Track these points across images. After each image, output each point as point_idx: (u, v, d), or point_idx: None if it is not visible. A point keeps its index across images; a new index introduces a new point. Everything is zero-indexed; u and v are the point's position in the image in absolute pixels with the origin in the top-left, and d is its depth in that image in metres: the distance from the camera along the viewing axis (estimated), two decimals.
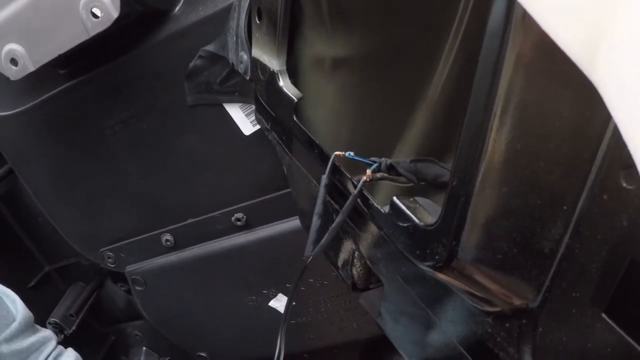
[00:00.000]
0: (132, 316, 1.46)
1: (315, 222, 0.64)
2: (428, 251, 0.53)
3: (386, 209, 0.58)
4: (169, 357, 1.44)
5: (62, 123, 1.10)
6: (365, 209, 0.61)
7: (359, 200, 0.61)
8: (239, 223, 1.07)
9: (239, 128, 1.02)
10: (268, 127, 0.93)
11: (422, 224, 0.53)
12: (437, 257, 0.52)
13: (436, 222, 0.51)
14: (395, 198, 0.55)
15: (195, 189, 1.09)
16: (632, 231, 0.40)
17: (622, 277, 0.42)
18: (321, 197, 0.64)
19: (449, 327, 0.60)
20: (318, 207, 0.64)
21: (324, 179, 0.64)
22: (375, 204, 0.60)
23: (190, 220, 1.12)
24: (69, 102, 1.06)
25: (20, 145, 1.16)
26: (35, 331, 1.00)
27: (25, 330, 0.97)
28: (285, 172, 0.90)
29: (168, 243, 1.14)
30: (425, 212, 0.54)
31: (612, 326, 0.43)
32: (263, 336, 0.83)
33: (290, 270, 1.07)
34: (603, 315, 0.44)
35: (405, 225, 0.54)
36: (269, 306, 1.16)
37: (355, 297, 0.91)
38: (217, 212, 1.09)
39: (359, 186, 0.60)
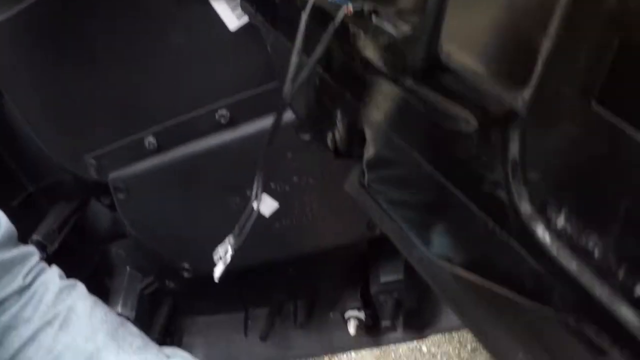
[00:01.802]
0: (116, 237, 1.44)
1: (294, 59, 0.61)
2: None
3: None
4: (152, 277, 1.42)
5: (43, 31, 1.07)
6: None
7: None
8: (222, 120, 1.04)
9: (223, 23, 0.99)
10: (253, 11, 0.91)
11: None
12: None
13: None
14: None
15: (178, 87, 1.07)
16: (621, 11, 0.38)
17: (612, 62, 0.40)
18: (301, 31, 0.61)
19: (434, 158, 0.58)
20: (298, 43, 0.61)
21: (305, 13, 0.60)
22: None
23: (173, 121, 1.09)
24: (51, 8, 1.02)
25: (2, 57, 1.12)
26: (18, 245, 0.98)
27: (7, 243, 0.95)
28: (270, 51, 0.87)
29: (151, 146, 1.11)
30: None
31: (601, 116, 0.42)
32: (247, 242, 0.80)
33: (275, 168, 1.05)
34: (593, 104, 0.42)
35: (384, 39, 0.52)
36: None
37: (342, 197, 0.88)
38: (200, 110, 1.06)
39: (337, 19, 0.57)
